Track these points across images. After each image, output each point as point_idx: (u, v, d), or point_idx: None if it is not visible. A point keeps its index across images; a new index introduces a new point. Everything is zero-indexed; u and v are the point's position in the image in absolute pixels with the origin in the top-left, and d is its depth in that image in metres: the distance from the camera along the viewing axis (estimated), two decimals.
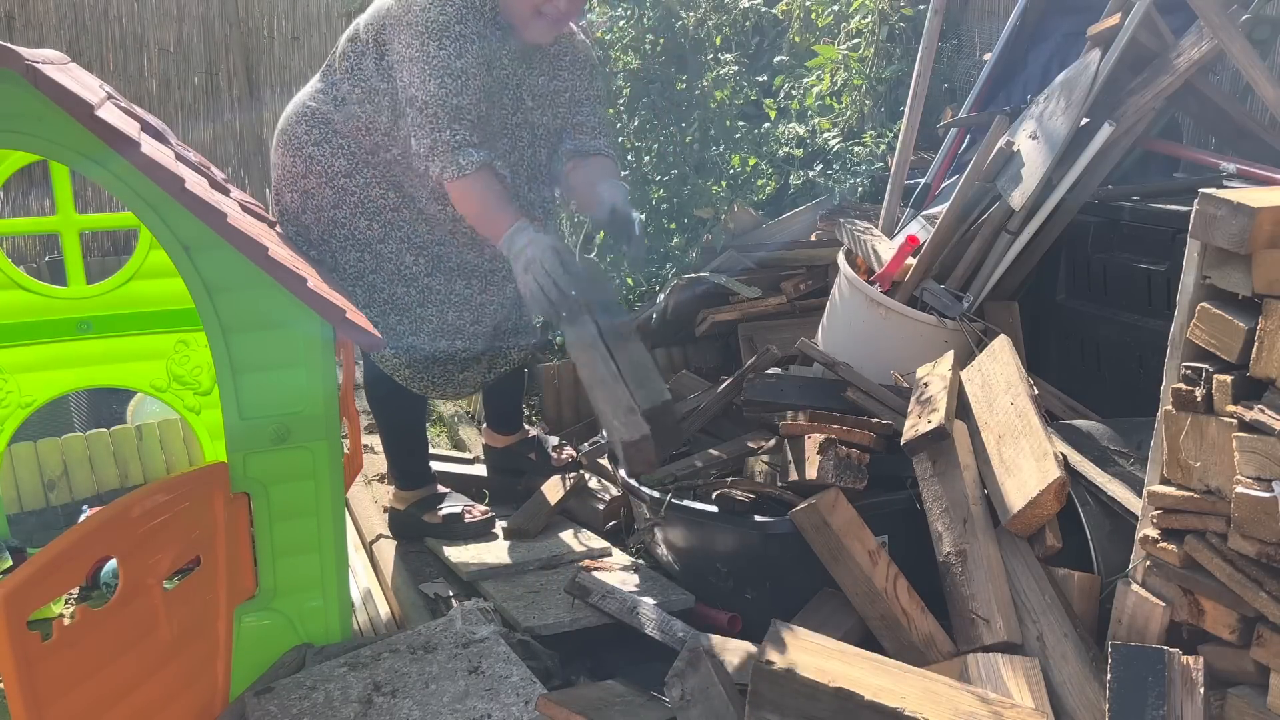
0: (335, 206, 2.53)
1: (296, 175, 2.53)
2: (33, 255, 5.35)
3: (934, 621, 1.98)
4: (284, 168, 2.55)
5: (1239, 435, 1.53)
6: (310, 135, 2.51)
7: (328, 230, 2.54)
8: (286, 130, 2.56)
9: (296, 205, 2.55)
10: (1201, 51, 2.50)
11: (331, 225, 2.54)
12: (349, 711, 1.86)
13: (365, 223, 2.53)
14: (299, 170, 2.52)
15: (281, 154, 2.56)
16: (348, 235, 2.54)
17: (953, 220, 2.67)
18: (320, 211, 2.54)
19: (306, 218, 2.55)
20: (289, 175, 2.55)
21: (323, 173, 2.51)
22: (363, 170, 2.51)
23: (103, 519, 1.68)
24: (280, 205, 2.59)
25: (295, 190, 2.54)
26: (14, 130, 1.74)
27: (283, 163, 2.55)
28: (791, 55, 4.13)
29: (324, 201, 2.53)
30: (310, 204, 2.53)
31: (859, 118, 3.83)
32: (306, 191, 2.53)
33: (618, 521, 2.84)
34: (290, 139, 2.54)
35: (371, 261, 2.56)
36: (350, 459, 2.53)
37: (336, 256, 2.55)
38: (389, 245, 2.55)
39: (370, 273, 2.56)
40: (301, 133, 2.52)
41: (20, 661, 1.49)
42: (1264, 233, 1.50)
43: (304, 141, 2.51)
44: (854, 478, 2.10)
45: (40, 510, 3.08)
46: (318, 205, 2.53)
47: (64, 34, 5.42)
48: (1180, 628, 1.71)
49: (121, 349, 2.77)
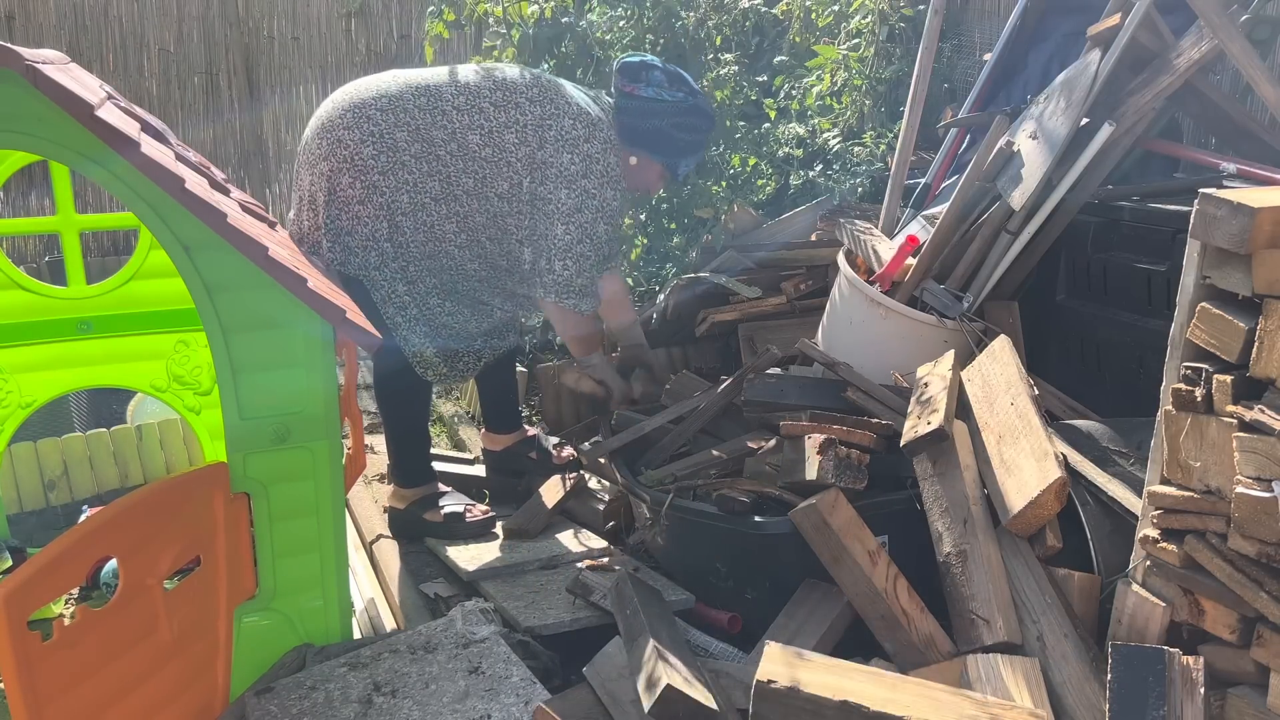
0: (405, 215, 2.58)
1: (374, 169, 2.54)
2: (33, 255, 5.35)
3: (934, 622, 1.98)
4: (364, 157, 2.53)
5: (1239, 435, 1.53)
6: (411, 148, 2.55)
7: (383, 233, 2.58)
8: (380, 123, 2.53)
9: (356, 195, 2.56)
10: (1201, 51, 2.50)
11: (391, 230, 2.59)
12: (349, 711, 1.86)
13: (421, 238, 2.60)
14: (380, 166, 2.54)
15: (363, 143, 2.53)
16: (399, 244, 2.59)
17: (953, 220, 2.67)
18: (384, 212, 2.57)
19: (364, 210, 2.56)
20: (365, 166, 2.54)
21: (411, 184, 2.56)
22: (449, 203, 2.58)
23: (103, 519, 1.68)
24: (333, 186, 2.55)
25: (363, 182, 2.55)
26: (14, 130, 1.74)
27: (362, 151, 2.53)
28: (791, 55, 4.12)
29: (395, 205, 2.57)
30: (375, 199, 2.55)
31: (859, 118, 3.83)
32: (375, 187, 2.55)
33: (618, 521, 2.84)
34: (384, 136, 2.54)
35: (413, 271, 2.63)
36: (353, 459, 2.53)
37: (384, 254, 2.59)
38: (431, 264, 2.63)
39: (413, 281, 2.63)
40: (402, 139, 2.54)
41: (20, 661, 1.49)
42: (1264, 233, 1.50)
43: (401, 149, 2.54)
44: (854, 478, 2.10)
45: (40, 510, 3.08)
46: (384, 204, 2.56)
47: (64, 34, 5.42)
48: (1180, 628, 1.71)
49: (121, 349, 2.77)
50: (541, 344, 3.97)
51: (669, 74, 2.71)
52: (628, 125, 2.70)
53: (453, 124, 2.55)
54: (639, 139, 2.71)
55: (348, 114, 2.56)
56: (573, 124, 2.56)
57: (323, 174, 2.56)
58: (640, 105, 2.67)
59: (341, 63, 5.98)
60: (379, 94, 2.57)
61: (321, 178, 2.57)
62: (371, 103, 2.56)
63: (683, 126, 2.71)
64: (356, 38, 6.02)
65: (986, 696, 1.66)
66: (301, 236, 2.65)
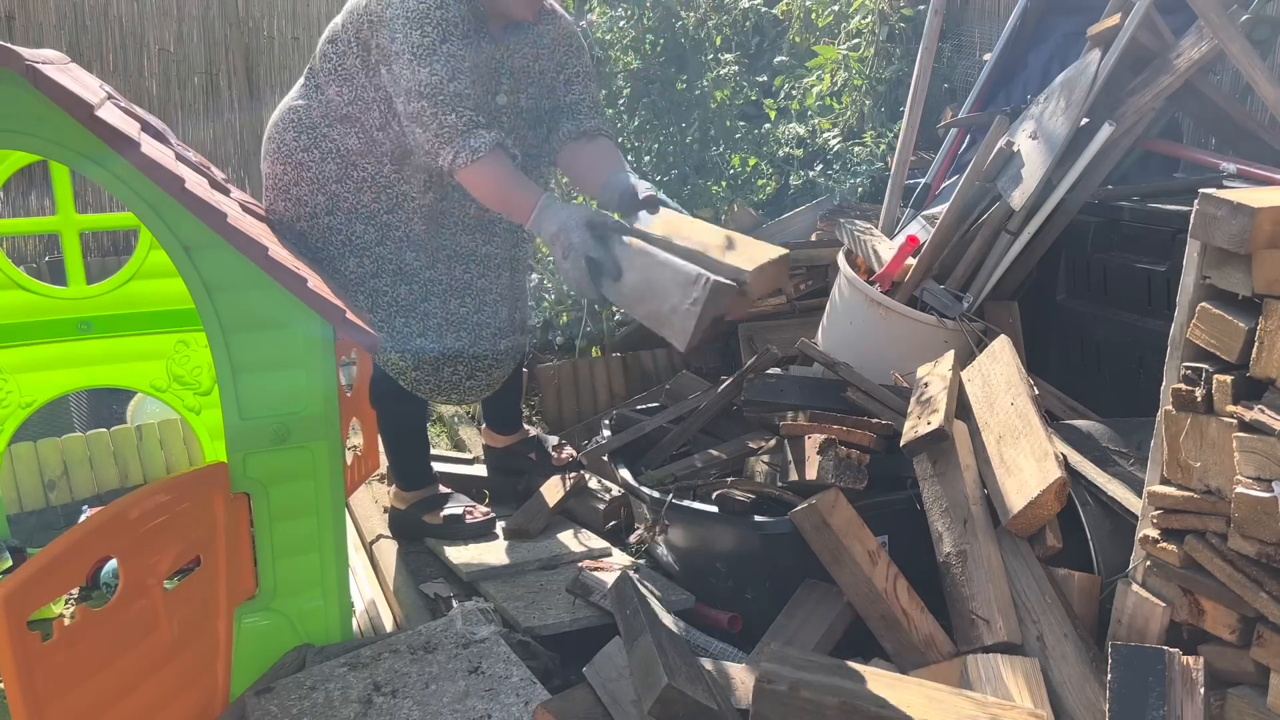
0: (329, 213, 2.51)
1: (287, 183, 2.51)
2: (33, 255, 5.34)
3: (934, 622, 1.98)
4: (274, 176, 2.53)
5: (1239, 435, 1.53)
6: (299, 141, 2.48)
7: (324, 237, 2.53)
8: (274, 138, 2.53)
9: (290, 213, 2.53)
10: (1201, 51, 2.50)
11: (328, 232, 2.52)
12: (349, 711, 1.86)
13: (361, 227, 2.52)
14: (289, 178, 2.50)
15: (271, 163, 2.53)
16: (345, 241, 2.53)
17: (953, 220, 2.67)
18: (315, 219, 2.52)
19: (301, 225, 2.53)
20: (280, 184, 2.52)
21: (314, 179, 2.49)
22: (353, 174, 2.49)
23: (103, 519, 1.68)
24: (274, 214, 2.56)
25: (287, 198, 2.52)
26: (14, 130, 1.74)
27: (273, 171, 2.52)
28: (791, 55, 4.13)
29: (317, 208, 2.51)
30: (304, 211, 2.51)
31: (859, 118, 3.83)
32: (298, 199, 2.51)
33: (618, 521, 2.84)
34: (279, 147, 2.51)
35: (371, 266, 2.55)
36: (365, 458, 2.53)
37: (335, 263, 2.54)
38: (387, 247, 2.54)
39: (371, 277, 2.55)
40: (290, 139, 2.49)
41: (20, 661, 1.49)
42: (1264, 233, 1.50)
43: (292, 149, 2.49)
44: (854, 478, 2.10)
45: (40, 510, 3.08)
46: (311, 212, 2.51)
47: (64, 34, 5.42)
48: (1180, 628, 1.71)
49: (121, 349, 2.78)
50: (541, 344, 3.97)
51: None
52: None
53: (322, 93, 2.46)
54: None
55: (262, 145, 2.58)
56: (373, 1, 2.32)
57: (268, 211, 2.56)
58: None
59: None
60: (278, 109, 2.57)
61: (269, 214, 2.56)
62: (271, 120, 2.56)
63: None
64: None
65: (986, 697, 1.66)
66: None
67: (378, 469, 2.84)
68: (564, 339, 3.89)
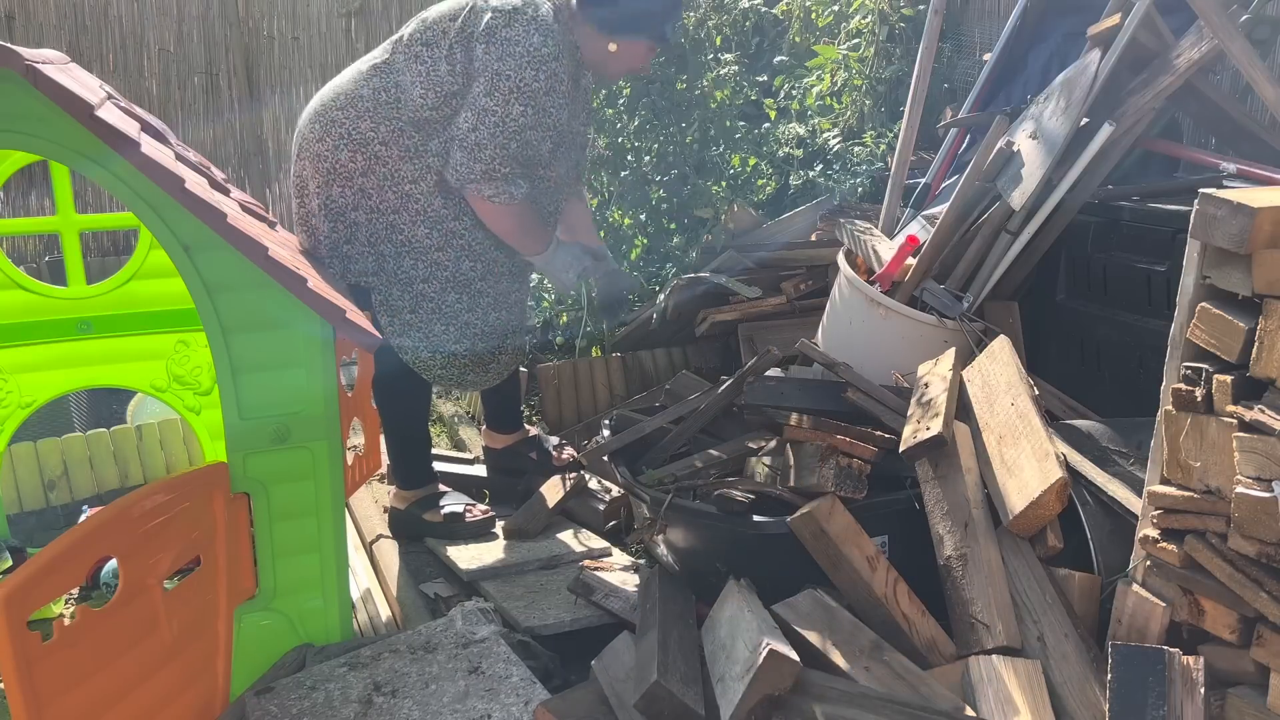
0: (395, 211, 2.52)
1: (354, 171, 2.50)
2: (33, 255, 5.34)
3: (935, 625, 1.97)
4: (338, 161, 2.50)
5: (1239, 435, 1.53)
6: (377, 133, 2.48)
7: (382, 234, 2.54)
8: (343, 123, 2.50)
9: (348, 201, 2.52)
10: (1201, 51, 2.50)
11: (389, 230, 2.53)
12: (349, 711, 1.86)
13: (425, 230, 2.55)
14: (358, 166, 2.49)
15: (336, 147, 2.49)
16: (404, 241, 2.55)
17: (953, 220, 2.67)
18: (377, 212, 2.52)
19: (358, 215, 2.53)
20: (344, 170, 2.50)
21: (388, 175, 2.50)
22: (427, 177, 2.51)
23: (103, 519, 1.68)
24: (326, 198, 2.52)
25: (350, 186, 2.51)
26: (14, 130, 1.74)
27: (337, 156, 2.49)
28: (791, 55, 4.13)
29: (384, 204, 2.52)
30: (366, 202, 2.52)
31: (859, 118, 3.83)
32: (363, 189, 2.51)
33: (618, 521, 2.84)
34: (350, 133, 2.49)
35: (425, 270, 2.57)
36: (367, 459, 2.54)
37: (386, 259, 2.55)
38: (447, 253, 2.57)
39: (421, 281, 2.57)
40: (366, 129, 2.48)
41: (20, 661, 1.49)
42: (1264, 233, 1.50)
43: (369, 139, 2.48)
44: (854, 488, 2.10)
45: (40, 510, 3.08)
46: (375, 205, 2.52)
47: (64, 34, 5.42)
48: (1180, 628, 1.71)
49: (121, 349, 2.78)
50: (541, 344, 3.97)
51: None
52: (601, 16, 2.55)
53: (402, 91, 2.47)
54: (616, 24, 2.57)
55: (316, 125, 2.54)
56: (491, 15, 2.42)
57: (313, 193, 2.56)
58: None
59: (341, 63, 5.97)
60: (337, 93, 2.55)
61: (313, 197, 2.56)
62: (332, 103, 2.53)
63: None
64: (356, 38, 6.01)
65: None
66: (312, 252, 2.63)
67: (379, 469, 2.85)
68: (564, 339, 3.89)
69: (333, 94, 2.56)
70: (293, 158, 2.64)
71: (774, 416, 2.41)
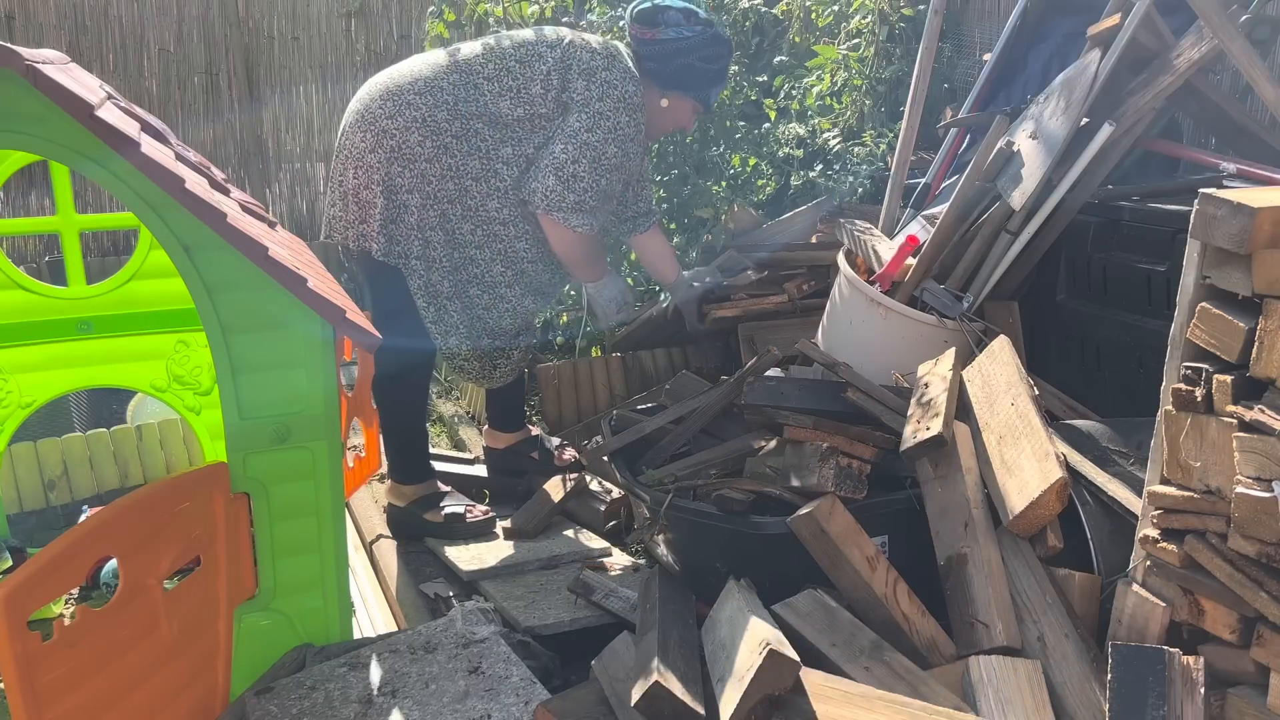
0: (450, 202, 2.61)
1: (419, 155, 2.57)
2: (33, 255, 5.34)
3: (935, 625, 1.97)
4: (408, 142, 2.57)
5: (1239, 435, 1.53)
6: (451, 126, 2.57)
7: (432, 222, 2.62)
8: (418, 106, 2.57)
9: (404, 183, 2.59)
10: (1201, 51, 2.50)
11: (440, 218, 2.62)
12: (349, 711, 1.86)
13: (470, 226, 2.65)
14: (425, 152, 2.57)
15: (406, 127, 2.57)
16: (449, 232, 2.64)
17: (953, 220, 2.67)
18: (431, 200, 2.61)
19: (411, 198, 2.60)
20: (411, 153, 2.57)
21: (453, 166, 2.58)
22: (489, 179, 2.61)
23: (103, 519, 1.68)
24: (386, 174, 2.58)
25: (412, 169, 2.58)
26: (14, 130, 1.74)
27: (407, 138, 2.57)
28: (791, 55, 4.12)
29: (440, 193, 2.60)
30: (424, 187, 2.59)
31: (859, 118, 3.83)
32: (424, 175, 2.59)
33: (618, 521, 2.84)
34: (425, 119, 2.57)
35: (459, 258, 2.67)
36: (367, 459, 2.54)
37: (430, 243, 2.64)
38: (485, 252, 2.68)
39: (457, 269, 2.68)
40: (441, 119, 2.56)
41: (20, 661, 1.49)
42: (1264, 233, 1.50)
43: (443, 129, 2.56)
44: (854, 488, 2.10)
45: (40, 510, 3.08)
46: (431, 193, 2.60)
47: (64, 34, 5.42)
48: (1180, 628, 1.71)
49: (121, 349, 2.78)
50: (541, 344, 3.97)
51: (683, 10, 2.74)
52: (655, 70, 2.73)
53: (484, 95, 2.59)
54: (668, 80, 2.75)
55: (388, 103, 2.60)
56: (590, 55, 2.61)
57: (371, 166, 2.60)
58: (663, 48, 2.71)
59: (341, 63, 5.98)
60: (414, 78, 2.62)
61: (370, 170, 2.60)
62: (409, 87, 2.60)
63: (708, 58, 2.76)
64: (356, 38, 6.01)
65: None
66: (347, 228, 2.69)
67: (379, 469, 2.85)
68: (564, 339, 3.89)
69: (409, 78, 2.62)
70: (347, 129, 2.67)
71: (774, 416, 2.41)
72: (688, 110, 2.85)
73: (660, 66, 2.72)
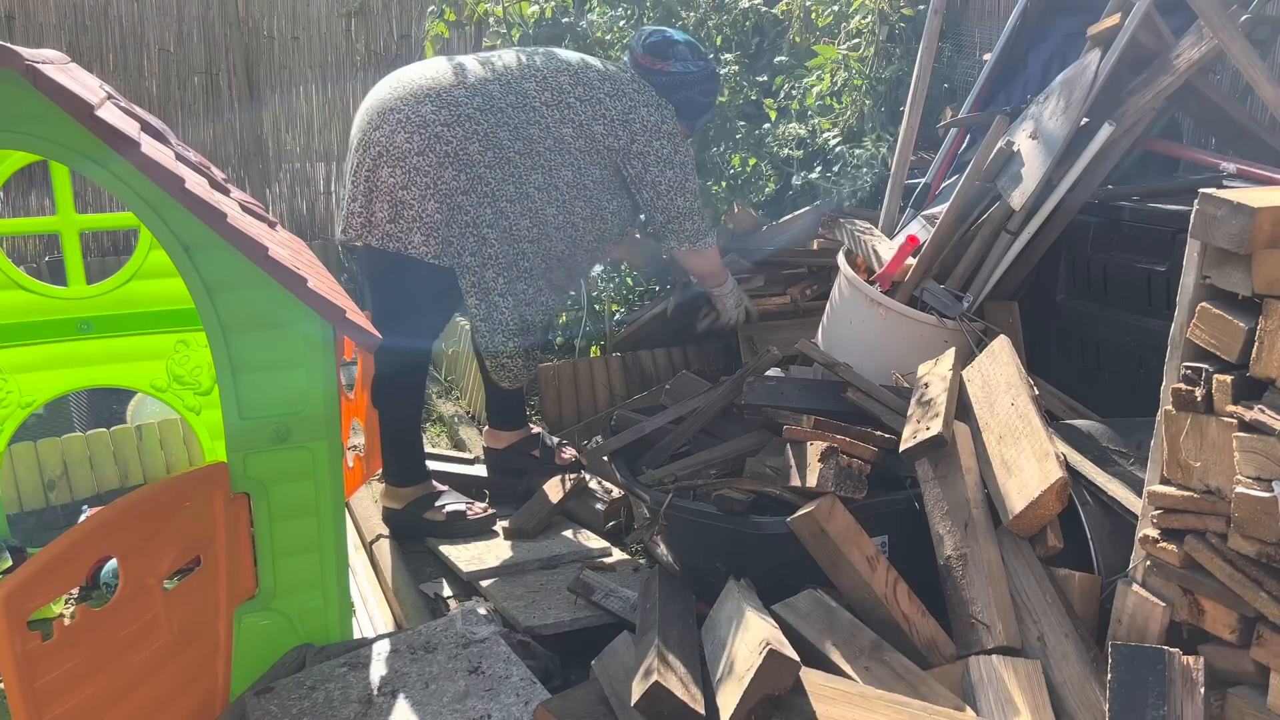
0: (510, 201, 2.73)
1: (479, 162, 2.67)
2: (33, 255, 5.34)
3: (935, 625, 1.97)
4: (469, 152, 2.66)
5: (1239, 435, 1.53)
6: (514, 144, 2.70)
7: (488, 219, 2.73)
8: (482, 123, 2.67)
9: (461, 185, 2.67)
10: (1201, 51, 2.50)
11: (497, 215, 2.73)
12: (349, 711, 1.86)
13: (527, 223, 2.78)
14: (486, 160, 2.68)
15: (466, 137, 2.65)
16: (506, 230, 2.75)
17: (953, 220, 2.67)
18: (488, 200, 2.72)
19: (467, 199, 2.69)
20: (470, 159, 2.66)
21: (513, 174, 2.72)
22: (550, 190, 2.77)
23: (103, 519, 1.68)
24: (438, 180, 2.65)
25: (469, 174, 2.67)
26: (14, 130, 1.74)
27: (467, 148, 2.65)
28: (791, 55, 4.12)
29: (500, 194, 2.71)
30: (480, 189, 2.69)
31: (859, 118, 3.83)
32: (480, 177, 2.68)
33: (618, 521, 2.84)
34: (488, 133, 2.68)
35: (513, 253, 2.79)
36: (367, 459, 2.54)
37: (486, 240, 2.73)
38: (537, 247, 2.82)
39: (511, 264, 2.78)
40: (505, 137, 2.69)
41: (20, 661, 1.49)
42: (1264, 233, 1.50)
43: (505, 144, 2.69)
44: (853, 488, 2.10)
45: (40, 510, 3.08)
46: (489, 193, 2.70)
47: (64, 34, 5.42)
48: (1180, 628, 1.71)
49: (121, 349, 2.77)
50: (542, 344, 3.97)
51: (689, 45, 2.97)
52: None
53: (545, 120, 2.74)
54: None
55: (442, 110, 2.65)
56: (649, 112, 2.82)
57: (418, 168, 2.64)
58: (670, 80, 2.91)
59: (341, 63, 5.97)
60: (470, 90, 2.69)
61: (417, 172, 2.64)
62: (465, 101, 2.67)
63: (705, 91, 3.00)
64: (356, 38, 6.01)
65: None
66: (367, 227, 2.69)
67: (379, 469, 2.85)
68: (564, 339, 3.89)
69: (463, 91, 2.70)
70: (382, 125, 2.68)
71: (774, 416, 2.41)
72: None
73: (666, 96, 2.90)
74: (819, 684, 1.68)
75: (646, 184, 2.88)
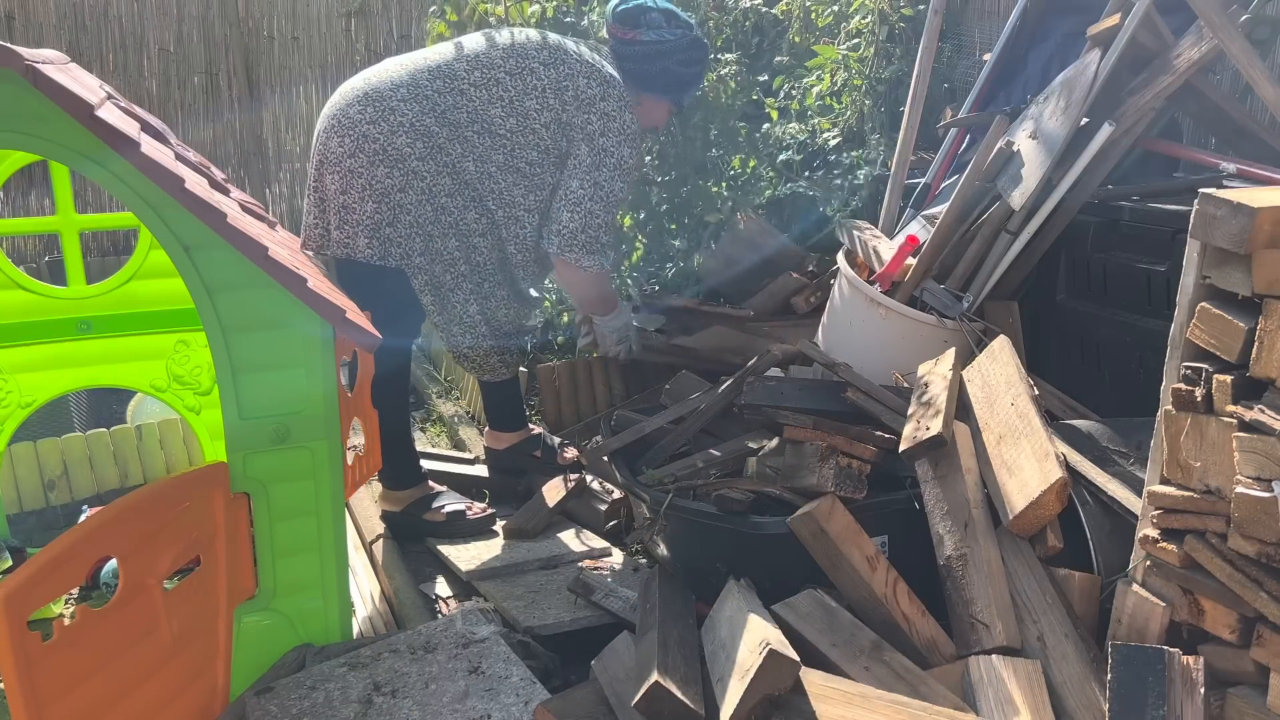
0: (449, 195, 2.61)
1: (410, 155, 2.55)
2: (33, 255, 5.34)
3: (935, 625, 1.97)
4: (397, 146, 2.55)
5: (1239, 435, 1.53)
6: (442, 130, 2.56)
7: (429, 216, 2.61)
8: (407, 114, 2.55)
9: (396, 183, 2.57)
10: (1201, 51, 2.50)
11: (438, 211, 2.62)
12: (349, 711, 1.86)
13: (474, 215, 2.65)
14: (416, 151, 2.56)
15: (392, 131, 2.55)
16: (452, 223, 2.64)
17: (953, 220, 2.67)
18: (428, 196, 2.60)
19: (406, 197, 2.59)
20: (399, 153, 2.55)
21: (448, 164, 2.57)
22: (486, 180, 2.61)
23: (103, 519, 1.68)
24: (370, 178, 2.56)
25: (402, 169, 2.56)
26: (14, 130, 1.74)
27: (394, 142, 2.55)
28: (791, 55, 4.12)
29: (437, 187, 2.59)
30: (418, 185, 2.58)
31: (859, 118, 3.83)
32: (416, 172, 2.57)
33: (618, 522, 2.84)
34: (414, 124, 2.55)
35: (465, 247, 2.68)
36: (368, 458, 2.53)
37: (432, 236, 2.63)
38: (488, 239, 2.70)
39: (463, 261, 2.69)
40: (431, 123, 2.55)
41: (20, 661, 1.49)
42: (1264, 233, 1.50)
43: (435, 132, 2.55)
44: (853, 488, 2.10)
45: (40, 510, 3.08)
46: (427, 188, 2.59)
47: (64, 34, 5.42)
48: (1180, 628, 1.71)
49: (121, 349, 2.77)
50: (541, 344, 3.97)
51: (664, 12, 2.73)
52: (633, 71, 2.72)
53: (473, 103, 2.58)
54: (646, 82, 2.75)
55: (368, 108, 2.57)
56: (587, 83, 2.60)
57: (352, 171, 2.58)
58: (643, 50, 2.71)
59: (341, 63, 5.97)
60: (395, 83, 2.59)
61: (351, 175, 2.58)
62: (390, 93, 2.57)
63: (686, 61, 2.76)
64: (356, 37, 6.01)
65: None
66: (324, 237, 2.66)
67: (379, 469, 2.84)
68: (564, 339, 3.89)
69: (389, 84, 2.59)
70: (322, 135, 2.64)
71: (774, 416, 2.41)
72: (662, 112, 2.85)
73: (639, 68, 2.71)
74: (819, 684, 1.68)
75: (566, 159, 2.62)
